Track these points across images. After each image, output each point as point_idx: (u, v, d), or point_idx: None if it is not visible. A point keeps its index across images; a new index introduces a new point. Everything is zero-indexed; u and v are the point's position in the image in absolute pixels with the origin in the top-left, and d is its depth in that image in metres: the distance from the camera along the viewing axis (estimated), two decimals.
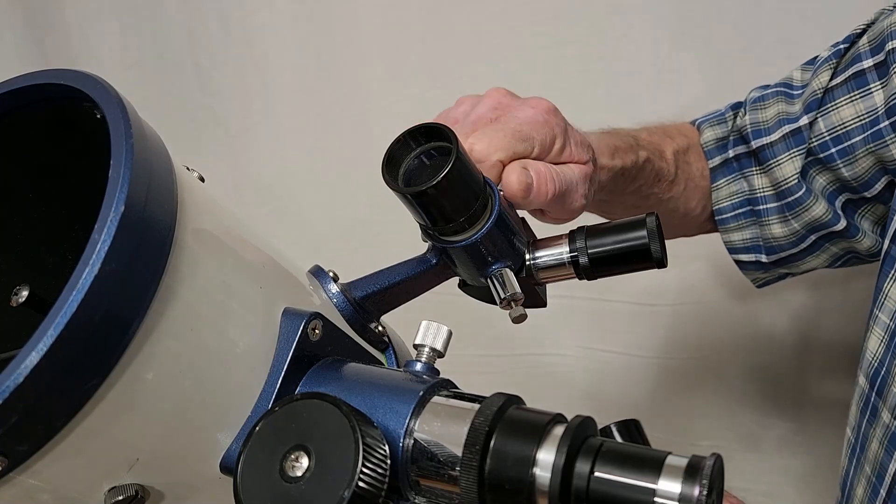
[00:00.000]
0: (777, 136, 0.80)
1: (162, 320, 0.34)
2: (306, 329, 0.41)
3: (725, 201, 0.86)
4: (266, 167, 1.31)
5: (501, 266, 0.53)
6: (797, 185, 0.79)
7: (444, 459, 0.37)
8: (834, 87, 0.76)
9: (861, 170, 0.75)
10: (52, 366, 0.30)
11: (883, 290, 0.71)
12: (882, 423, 0.70)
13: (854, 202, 0.79)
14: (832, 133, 0.76)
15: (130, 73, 1.31)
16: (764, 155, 0.82)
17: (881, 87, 0.73)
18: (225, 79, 1.29)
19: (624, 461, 0.34)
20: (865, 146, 0.74)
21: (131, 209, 0.32)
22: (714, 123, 0.88)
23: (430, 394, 0.39)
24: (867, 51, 0.74)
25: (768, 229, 0.84)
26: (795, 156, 0.79)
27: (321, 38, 1.23)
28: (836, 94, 0.76)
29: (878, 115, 0.73)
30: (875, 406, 0.72)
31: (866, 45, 0.75)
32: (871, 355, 0.72)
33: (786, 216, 0.82)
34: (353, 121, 1.24)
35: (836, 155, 0.76)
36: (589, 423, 0.36)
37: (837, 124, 0.76)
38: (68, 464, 0.34)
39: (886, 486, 0.69)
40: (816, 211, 0.79)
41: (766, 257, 0.85)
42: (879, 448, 0.71)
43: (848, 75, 0.75)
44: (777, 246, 0.84)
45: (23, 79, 0.39)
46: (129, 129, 0.34)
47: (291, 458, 0.34)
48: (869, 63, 0.74)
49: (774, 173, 0.81)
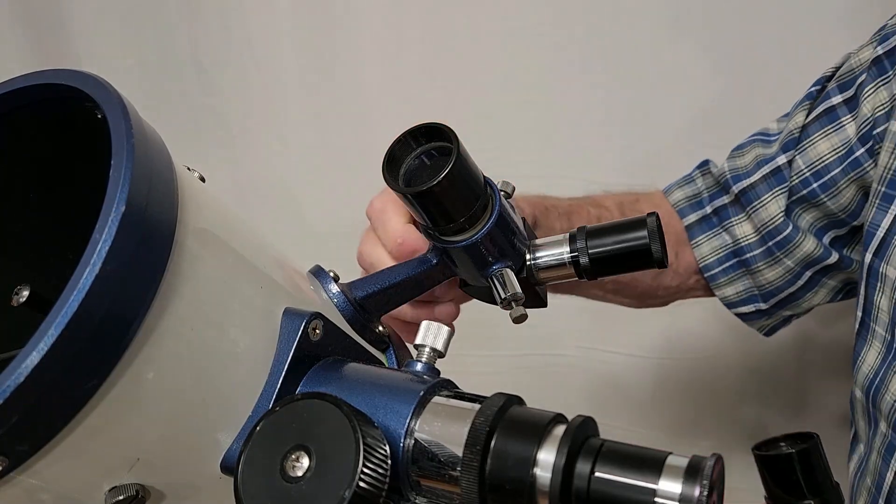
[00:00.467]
0: (757, 178, 0.82)
1: (163, 320, 0.34)
2: (307, 329, 0.41)
3: (711, 257, 0.86)
4: (266, 167, 1.31)
5: (502, 266, 0.53)
6: (783, 223, 0.80)
7: (444, 460, 0.37)
8: (807, 124, 0.79)
9: (846, 200, 0.77)
10: (52, 366, 0.30)
11: (874, 303, 0.73)
12: (880, 432, 0.71)
13: (842, 237, 0.80)
14: (812, 168, 0.78)
15: (131, 73, 1.31)
16: (747, 198, 0.82)
17: (852, 120, 0.76)
18: (225, 79, 1.29)
19: (624, 461, 0.34)
20: (846, 176, 0.76)
21: (132, 209, 0.32)
22: (683, 185, 0.89)
23: (430, 394, 0.39)
24: (835, 88, 0.78)
25: (760, 276, 0.84)
26: (779, 195, 0.80)
27: (321, 38, 1.23)
28: (811, 131, 0.78)
29: (851, 144, 0.75)
30: (875, 418, 0.72)
31: (834, 84, 0.78)
32: (868, 368, 0.73)
33: (776, 256, 0.82)
34: (353, 120, 1.24)
35: (819, 189, 0.78)
36: (589, 423, 0.36)
37: (815, 159, 0.78)
38: (69, 464, 0.34)
39: (884, 496, 0.69)
40: (807, 246, 0.80)
41: (765, 303, 0.86)
42: (878, 458, 0.71)
43: (819, 112, 0.78)
44: (774, 289, 0.84)
45: (23, 79, 0.39)
46: (130, 128, 0.34)
47: (292, 457, 0.34)
48: (838, 99, 0.77)
49: (760, 214, 0.81)
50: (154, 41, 1.31)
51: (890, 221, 0.71)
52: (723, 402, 1.20)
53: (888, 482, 0.69)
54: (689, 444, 1.20)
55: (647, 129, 1.13)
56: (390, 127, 0.50)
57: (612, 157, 1.15)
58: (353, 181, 1.19)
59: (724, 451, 0.36)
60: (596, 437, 0.36)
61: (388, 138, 0.48)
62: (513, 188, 0.55)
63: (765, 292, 0.85)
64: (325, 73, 1.24)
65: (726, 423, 1.20)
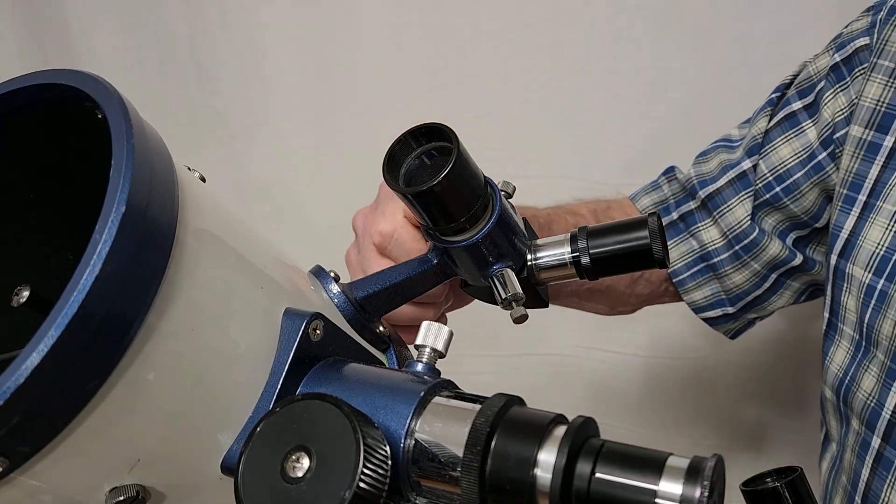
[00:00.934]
0: (723, 182, 0.82)
1: (163, 320, 0.34)
2: (307, 329, 0.41)
3: (679, 262, 0.86)
4: (267, 167, 1.31)
5: (502, 266, 0.53)
6: (750, 227, 0.81)
7: (445, 460, 0.37)
8: (770, 129, 0.80)
9: (809, 203, 0.78)
10: (52, 366, 0.30)
11: (841, 303, 0.74)
12: (853, 430, 0.71)
13: (804, 237, 0.81)
14: (774, 173, 0.79)
15: (130, 72, 1.31)
16: (713, 203, 0.83)
17: (812, 125, 0.78)
18: (226, 78, 1.29)
19: (625, 462, 0.34)
20: (809, 180, 0.77)
21: (132, 209, 0.32)
22: (650, 191, 0.90)
23: (431, 394, 0.39)
24: (795, 94, 0.80)
25: (727, 280, 0.84)
26: (745, 199, 0.81)
27: (321, 38, 1.23)
28: (773, 136, 0.80)
29: (813, 149, 0.77)
30: (846, 416, 0.72)
31: (794, 91, 0.80)
32: (836, 367, 0.74)
33: (743, 260, 0.83)
34: (353, 120, 1.24)
35: (782, 193, 0.79)
36: (590, 424, 0.36)
37: (777, 164, 0.79)
38: (69, 464, 0.34)
39: (860, 493, 0.70)
40: (773, 249, 0.81)
41: (732, 307, 0.86)
42: (852, 456, 0.71)
43: (781, 117, 0.80)
44: (741, 292, 0.85)
45: (23, 79, 0.39)
46: (130, 128, 0.34)
47: (292, 458, 0.34)
48: (798, 105, 0.79)
49: (727, 219, 0.82)
50: (154, 41, 1.30)
51: (853, 223, 0.72)
52: (723, 401, 1.19)
53: (864, 479, 0.70)
54: (689, 444, 1.20)
55: (648, 128, 1.13)
56: (390, 127, 0.50)
57: (613, 157, 1.15)
58: (353, 181, 1.19)
59: (723, 451, 0.36)
60: (596, 438, 0.36)
61: (388, 138, 0.48)
62: (513, 188, 0.55)
63: (732, 296, 0.85)
64: (325, 73, 1.24)
65: (726, 423, 1.20)
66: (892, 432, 0.67)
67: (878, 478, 0.68)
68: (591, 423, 0.36)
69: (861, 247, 0.71)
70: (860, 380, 0.70)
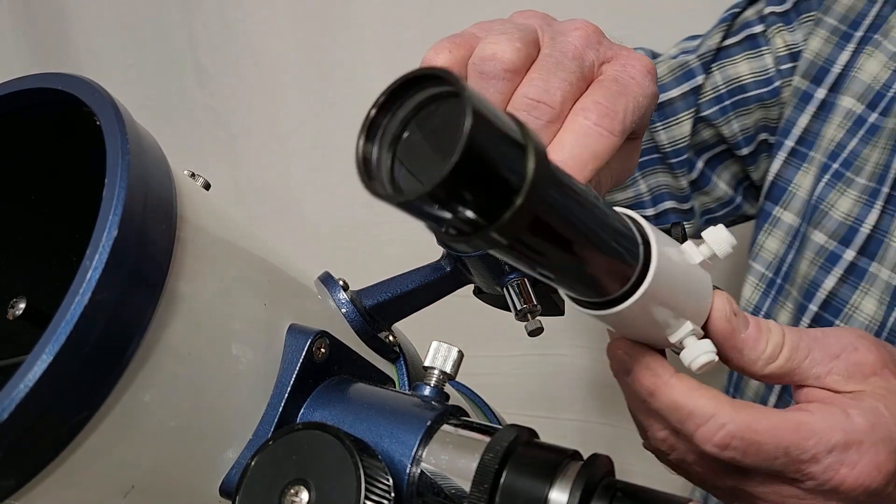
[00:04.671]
0: (677, 94, 0.81)
1: (158, 347, 0.33)
2: (311, 349, 0.39)
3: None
4: (267, 167, 1.30)
5: (518, 276, 0.51)
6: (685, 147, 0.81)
7: (450, 494, 0.35)
8: (729, 45, 0.80)
9: (741, 126, 0.79)
10: (38, 400, 0.28)
11: (757, 242, 0.77)
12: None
13: (716, 157, 0.82)
14: (729, 85, 0.79)
15: (130, 72, 1.30)
16: (663, 114, 0.82)
17: (769, 53, 0.78)
18: (225, 78, 1.28)
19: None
20: (760, 101, 0.78)
21: (125, 232, 0.30)
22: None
23: (438, 423, 0.37)
24: (756, 19, 0.80)
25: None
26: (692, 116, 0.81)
27: (321, 38, 1.21)
28: (732, 52, 0.80)
29: (770, 74, 0.78)
30: None
31: (754, 14, 0.80)
32: (745, 302, 0.77)
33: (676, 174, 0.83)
34: (353, 121, 1.20)
35: (731, 107, 0.79)
36: (605, 462, 0.34)
37: (733, 77, 0.79)
38: (59, 495, 0.32)
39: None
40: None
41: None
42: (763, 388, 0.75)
43: (742, 37, 0.80)
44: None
45: (18, 82, 0.38)
46: (126, 144, 0.33)
47: (291, 492, 0.33)
48: (759, 29, 0.79)
49: (673, 131, 0.81)
50: (153, 41, 1.29)
51: (778, 167, 0.75)
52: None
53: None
54: None
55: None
56: None
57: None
58: (353, 181, 1.17)
59: None
60: (612, 477, 0.34)
61: None
62: None
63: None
64: (325, 73, 1.22)
65: None
66: None
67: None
68: (607, 461, 0.34)
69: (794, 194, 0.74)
70: (776, 317, 0.73)
